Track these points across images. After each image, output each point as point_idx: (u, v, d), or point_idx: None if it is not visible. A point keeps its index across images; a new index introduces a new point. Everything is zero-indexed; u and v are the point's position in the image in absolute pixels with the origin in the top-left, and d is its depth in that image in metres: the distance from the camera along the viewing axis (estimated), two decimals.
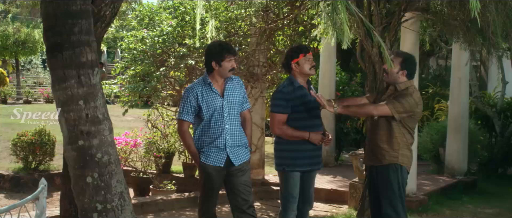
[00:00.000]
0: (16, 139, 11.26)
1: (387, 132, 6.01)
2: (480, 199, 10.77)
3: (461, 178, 11.72)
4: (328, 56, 12.96)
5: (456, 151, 11.86)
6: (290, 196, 6.08)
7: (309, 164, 6.13)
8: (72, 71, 4.35)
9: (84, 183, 4.39)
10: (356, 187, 9.57)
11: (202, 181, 5.87)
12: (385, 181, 6.07)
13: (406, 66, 6.10)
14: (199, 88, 5.80)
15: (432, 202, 9.90)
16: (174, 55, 10.28)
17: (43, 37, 4.55)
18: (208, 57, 5.86)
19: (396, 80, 6.12)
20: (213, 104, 5.77)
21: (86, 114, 4.37)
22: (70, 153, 4.43)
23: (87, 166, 4.38)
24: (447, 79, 18.59)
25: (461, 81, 11.88)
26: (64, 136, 4.45)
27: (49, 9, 4.39)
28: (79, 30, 4.37)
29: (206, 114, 5.74)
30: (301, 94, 6.03)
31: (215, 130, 5.75)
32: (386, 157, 6.02)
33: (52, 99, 27.55)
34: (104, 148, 4.42)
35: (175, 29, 10.40)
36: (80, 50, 4.36)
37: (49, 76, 41.77)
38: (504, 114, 13.68)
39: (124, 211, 4.49)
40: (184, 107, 5.75)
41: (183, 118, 5.74)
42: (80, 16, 4.39)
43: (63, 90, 4.37)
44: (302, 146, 6.05)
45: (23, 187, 11.14)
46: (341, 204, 10.03)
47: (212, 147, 5.76)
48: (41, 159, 11.49)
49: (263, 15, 10.43)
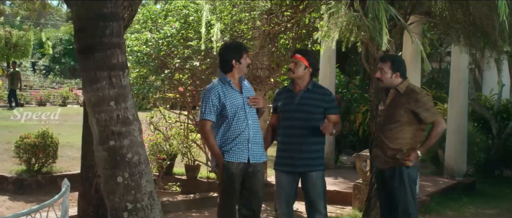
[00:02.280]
0: (19, 142, 11.25)
1: (410, 135, 6.14)
2: (480, 200, 10.91)
3: (460, 179, 11.88)
4: (328, 59, 13.07)
5: (455, 152, 12.03)
6: (276, 193, 6.33)
7: (288, 165, 6.27)
8: (103, 73, 4.41)
9: (114, 183, 4.45)
10: (360, 188, 9.68)
11: (225, 182, 5.94)
12: (401, 182, 6.18)
13: (397, 68, 6.24)
14: (219, 87, 5.94)
15: (434, 203, 10.02)
16: (178, 56, 10.35)
17: (74, 38, 4.61)
18: (228, 55, 6.02)
19: (393, 84, 6.25)
20: (235, 101, 5.93)
21: (117, 115, 4.42)
22: (100, 154, 4.48)
23: (118, 166, 4.44)
24: (441, 81, 18.82)
25: (460, 83, 12.04)
26: (95, 136, 4.50)
27: (81, 12, 4.46)
28: (110, 32, 4.44)
29: (230, 111, 5.88)
30: (284, 96, 6.38)
31: (239, 125, 5.91)
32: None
33: (44, 102, 27.56)
34: (134, 149, 4.49)
35: (179, 31, 10.47)
36: (111, 52, 4.43)
37: (38, 79, 41.85)
38: (500, 116, 13.84)
39: (154, 210, 4.56)
40: (206, 107, 5.85)
41: (206, 118, 5.84)
42: (112, 18, 4.46)
43: (95, 92, 4.42)
44: (286, 145, 6.27)
45: (27, 189, 11.13)
46: (344, 205, 10.13)
47: (235, 143, 5.89)
48: (44, 161, 11.48)
49: (267, 18, 10.54)
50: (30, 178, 11.30)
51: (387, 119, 6.34)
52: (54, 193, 10.99)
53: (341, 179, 11.83)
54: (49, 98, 28.57)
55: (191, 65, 10.24)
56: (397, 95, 6.25)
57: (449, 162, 12.08)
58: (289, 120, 6.25)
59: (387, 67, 6.25)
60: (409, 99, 6.12)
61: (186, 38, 10.51)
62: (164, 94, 11.20)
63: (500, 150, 13.35)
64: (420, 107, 6.05)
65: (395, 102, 6.25)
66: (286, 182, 6.28)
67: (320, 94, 6.32)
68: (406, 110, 6.13)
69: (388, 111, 6.36)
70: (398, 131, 6.18)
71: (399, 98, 6.21)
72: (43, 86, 37.56)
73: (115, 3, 4.50)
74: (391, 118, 6.26)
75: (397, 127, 6.18)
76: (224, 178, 5.92)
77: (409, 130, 6.16)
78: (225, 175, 5.89)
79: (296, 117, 6.23)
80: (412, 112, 6.10)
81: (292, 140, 6.22)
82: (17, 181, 11.26)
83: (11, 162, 12.03)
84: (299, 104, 6.19)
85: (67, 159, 12.90)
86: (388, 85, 6.32)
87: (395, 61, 6.34)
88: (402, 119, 6.15)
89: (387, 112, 6.39)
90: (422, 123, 6.16)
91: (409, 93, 6.16)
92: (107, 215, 6.65)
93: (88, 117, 6.46)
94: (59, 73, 48.87)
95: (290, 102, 6.24)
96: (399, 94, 6.22)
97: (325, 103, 6.28)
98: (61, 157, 12.17)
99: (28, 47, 31.22)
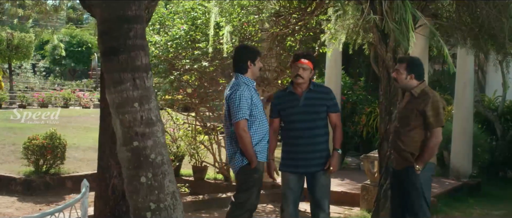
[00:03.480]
0: (28, 143, 11.31)
1: (422, 138, 6.21)
2: (486, 202, 10.94)
3: (466, 180, 11.94)
4: (334, 61, 13.13)
5: (461, 154, 12.10)
6: (282, 194, 6.42)
7: (297, 166, 6.35)
8: (127, 74, 4.46)
9: (138, 183, 4.50)
10: (368, 189, 9.73)
11: (253, 180, 6.11)
12: (413, 181, 6.26)
13: (412, 69, 6.32)
14: (248, 89, 6.07)
15: (441, 204, 10.06)
16: (187, 57, 10.42)
17: (98, 40, 4.66)
18: (244, 55, 6.19)
19: (408, 86, 6.33)
20: (260, 103, 6.17)
21: (141, 116, 4.48)
22: (124, 154, 4.54)
23: (141, 166, 4.49)
24: (444, 84, 18.88)
25: (466, 85, 12.12)
26: (118, 137, 4.55)
27: (105, 14, 4.51)
28: (134, 34, 4.49)
29: (257, 113, 6.07)
30: (286, 99, 6.43)
31: (263, 127, 6.13)
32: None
33: (46, 103, 27.62)
34: (157, 149, 4.54)
35: (187, 33, 10.53)
36: (135, 54, 4.48)
37: (39, 81, 41.95)
38: (504, 117, 13.91)
39: (176, 210, 4.62)
40: (241, 106, 5.95)
41: (244, 117, 5.96)
42: (136, 20, 4.52)
43: (119, 93, 4.47)
44: (292, 147, 6.35)
45: (35, 190, 11.19)
46: (352, 206, 10.19)
47: (261, 144, 6.11)
48: (52, 162, 11.54)
49: (275, 20, 10.61)
50: (38, 179, 11.36)
51: (402, 122, 6.43)
52: (62, 194, 11.16)
53: (348, 180, 11.90)
54: (51, 100, 28.63)
55: (200, 67, 10.30)
56: (412, 98, 6.33)
57: (454, 163, 12.14)
58: (296, 122, 6.33)
59: (403, 68, 6.33)
60: (422, 102, 6.19)
61: (193, 40, 10.57)
62: (173, 96, 11.26)
63: (504, 151, 13.40)
64: (429, 111, 6.12)
65: (410, 105, 6.33)
66: (294, 183, 6.37)
67: (322, 93, 6.45)
68: (417, 113, 6.21)
69: (402, 114, 6.45)
70: (412, 134, 6.26)
71: (413, 101, 6.29)
72: (43, 87, 37.66)
73: (139, 5, 4.56)
74: (405, 121, 6.35)
75: (411, 130, 6.26)
76: (253, 177, 6.08)
77: (421, 133, 6.24)
78: (255, 174, 6.07)
79: (303, 119, 6.31)
80: (422, 115, 6.17)
81: (300, 141, 6.30)
82: (25, 182, 11.31)
83: (18, 163, 12.10)
84: (305, 105, 6.29)
85: (74, 161, 12.96)
86: (403, 86, 6.40)
87: (411, 62, 6.41)
88: (415, 122, 6.23)
89: (401, 115, 6.49)
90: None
91: (423, 96, 6.24)
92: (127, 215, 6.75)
93: (104, 119, 6.61)
94: (59, 75, 48.99)
95: (295, 105, 6.31)
96: (414, 97, 6.30)
97: (327, 101, 6.41)
98: (67, 158, 12.22)
99: (30, 49, 31.25)
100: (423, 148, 6.19)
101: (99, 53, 4.71)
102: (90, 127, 19.10)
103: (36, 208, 10.17)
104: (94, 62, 44.21)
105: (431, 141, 6.14)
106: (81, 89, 35.28)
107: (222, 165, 11.63)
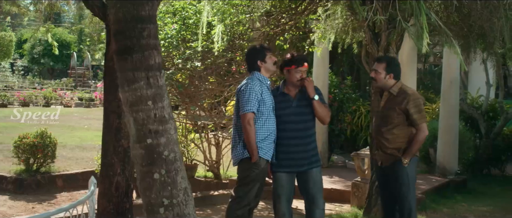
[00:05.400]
0: (18, 142, 11.33)
1: (406, 134, 6.43)
2: (472, 198, 11.15)
3: (452, 177, 12.13)
4: (321, 59, 13.27)
5: (447, 152, 12.29)
6: (276, 195, 6.50)
7: (294, 165, 6.46)
8: (141, 73, 4.54)
9: (151, 180, 4.59)
10: (358, 186, 9.86)
11: (253, 175, 6.21)
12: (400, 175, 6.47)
13: (391, 69, 6.53)
14: (259, 83, 6.19)
15: (428, 201, 10.24)
16: (179, 57, 10.49)
17: (113, 40, 4.75)
18: (252, 58, 6.36)
19: (386, 85, 6.53)
20: (269, 100, 6.25)
21: (154, 114, 4.56)
22: (137, 151, 4.62)
23: (154, 163, 4.57)
24: (426, 82, 19.13)
25: (452, 84, 12.31)
26: (132, 135, 4.64)
27: (119, 14, 4.59)
28: (148, 34, 4.58)
29: (266, 109, 6.19)
30: (279, 99, 6.46)
31: (271, 125, 6.24)
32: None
33: (27, 102, 27.48)
34: (170, 146, 4.63)
35: (178, 32, 10.60)
36: (148, 53, 4.57)
37: (17, 79, 41.67)
38: (488, 115, 14.14)
39: (188, 205, 4.72)
40: (250, 99, 6.07)
41: (251, 110, 6.08)
42: (149, 21, 4.60)
43: (133, 91, 4.55)
44: (285, 147, 6.43)
45: (27, 189, 11.21)
46: (342, 203, 10.32)
47: (266, 141, 6.20)
48: (43, 161, 11.57)
49: (266, 19, 10.72)
50: (29, 178, 11.37)
51: (383, 120, 6.63)
52: (53, 192, 11.21)
53: (336, 178, 12.05)
54: (31, 99, 28.47)
55: (192, 66, 10.38)
56: (391, 97, 6.52)
57: (440, 161, 12.34)
58: (289, 123, 6.41)
59: (382, 68, 6.53)
60: (403, 100, 6.38)
61: (184, 39, 10.64)
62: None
63: (488, 149, 13.61)
64: (412, 108, 6.32)
65: (390, 104, 6.52)
66: (287, 182, 6.48)
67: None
68: (399, 111, 6.40)
69: (383, 113, 6.64)
70: (394, 131, 6.46)
71: (393, 100, 6.49)
72: (23, 86, 37.43)
73: (152, 6, 4.65)
74: (386, 120, 6.55)
75: (393, 128, 6.46)
76: (253, 172, 6.18)
77: (404, 130, 6.44)
78: (256, 170, 6.16)
79: (296, 120, 6.43)
80: (405, 113, 6.37)
81: (294, 141, 6.41)
82: (16, 181, 11.33)
83: (7, 162, 12.13)
84: (298, 106, 6.42)
85: (63, 159, 13.00)
86: (381, 85, 6.59)
87: (390, 62, 6.62)
88: (397, 119, 6.43)
89: (382, 114, 6.67)
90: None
91: (402, 94, 6.44)
92: (130, 212, 6.85)
93: (108, 117, 6.71)
94: (38, 74, 48.70)
95: (289, 106, 6.42)
96: (393, 96, 6.50)
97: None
98: (56, 157, 12.25)
99: (10, 48, 31.10)
100: (411, 142, 6.39)
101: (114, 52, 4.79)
102: (74, 125, 19.14)
103: (28, 207, 10.21)
104: (73, 61, 44.02)
105: (419, 135, 6.38)
106: (62, 88, 35.07)
107: (212, 163, 11.72)
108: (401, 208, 6.57)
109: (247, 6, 10.46)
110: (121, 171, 6.64)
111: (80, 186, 11.61)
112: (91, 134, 17.03)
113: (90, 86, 38.48)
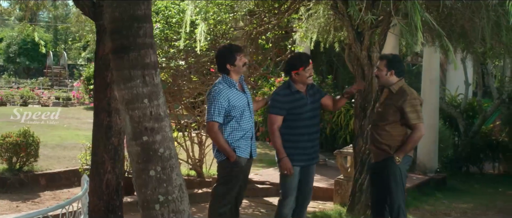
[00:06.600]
0: (1, 140, 11.28)
1: (400, 133, 6.53)
2: (452, 195, 11.30)
3: (432, 175, 12.29)
4: None
5: (427, 150, 12.43)
6: (290, 188, 6.65)
7: (307, 159, 6.68)
8: (137, 72, 4.61)
9: (147, 176, 4.65)
10: (341, 184, 9.97)
11: (233, 174, 6.30)
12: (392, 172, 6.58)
13: (393, 66, 6.63)
14: (226, 90, 6.23)
15: (410, 198, 10.37)
16: (163, 56, 10.53)
17: (109, 39, 4.81)
18: (221, 60, 6.36)
19: (388, 82, 6.62)
20: (241, 102, 6.28)
21: (150, 112, 4.62)
22: (133, 148, 4.68)
23: (150, 160, 4.64)
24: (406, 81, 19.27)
25: (432, 83, 12.46)
26: (128, 132, 4.70)
27: (115, 14, 4.64)
28: (144, 33, 4.64)
29: (237, 112, 6.21)
30: (295, 98, 6.60)
31: (246, 124, 6.29)
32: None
33: (5, 102, 27.23)
34: (166, 144, 4.70)
35: (162, 31, 10.64)
36: (144, 52, 4.64)
37: None
38: (467, 114, 14.35)
39: (183, 202, 4.78)
40: (215, 109, 6.14)
41: (215, 120, 6.15)
42: (145, 20, 4.67)
43: (129, 89, 4.61)
44: (301, 143, 6.60)
45: (10, 187, 11.14)
46: (324, 200, 10.42)
47: (242, 140, 6.27)
48: (26, 160, 11.53)
49: (249, 19, 10.80)
50: (12, 176, 11.32)
51: (379, 116, 6.73)
52: (36, 191, 11.18)
53: (318, 176, 12.06)
54: (8, 98, 28.21)
55: (176, 64, 10.43)
56: (390, 94, 6.62)
57: (421, 159, 12.47)
58: (306, 119, 6.60)
59: (383, 65, 6.63)
60: (400, 99, 6.48)
61: (167, 38, 10.68)
62: None
63: (467, 147, 13.81)
64: (407, 108, 6.42)
65: (388, 101, 6.62)
66: (303, 176, 6.74)
67: (313, 89, 6.80)
68: (395, 109, 6.51)
69: (380, 109, 6.74)
70: (388, 128, 6.56)
71: (392, 97, 6.59)
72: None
73: (148, 5, 4.71)
74: (382, 116, 6.64)
75: (388, 125, 6.56)
76: (233, 171, 6.27)
77: (399, 129, 6.55)
78: (235, 168, 6.24)
79: (311, 115, 6.64)
80: (400, 111, 6.47)
81: (309, 137, 6.64)
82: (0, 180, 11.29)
83: None
84: (312, 102, 6.63)
85: (44, 158, 12.93)
86: (383, 82, 6.68)
87: (391, 60, 6.71)
88: (393, 117, 6.53)
89: (379, 110, 6.77)
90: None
91: (400, 93, 6.54)
92: (121, 209, 6.89)
93: (98, 115, 6.75)
94: (13, 73, 48.29)
95: (305, 103, 6.60)
96: (392, 94, 6.59)
97: (320, 93, 6.91)
98: (42, 156, 12.22)
99: None
100: (406, 140, 6.50)
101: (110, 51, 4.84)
102: (54, 125, 19.02)
103: (12, 205, 10.18)
104: (50, 60, 43.70)
105: (415, 134, 6.47)
106: (39, 87, 34.79)
107: (195, 162, 11.76)
108: (391, 206, 6.69)
109: (230, 6, 10.52)
110: (111, 168, 6.68)
111: (63, 185, 11.63)
112: (71, 133, 16.97)
113: (67, 85, 38.20)
